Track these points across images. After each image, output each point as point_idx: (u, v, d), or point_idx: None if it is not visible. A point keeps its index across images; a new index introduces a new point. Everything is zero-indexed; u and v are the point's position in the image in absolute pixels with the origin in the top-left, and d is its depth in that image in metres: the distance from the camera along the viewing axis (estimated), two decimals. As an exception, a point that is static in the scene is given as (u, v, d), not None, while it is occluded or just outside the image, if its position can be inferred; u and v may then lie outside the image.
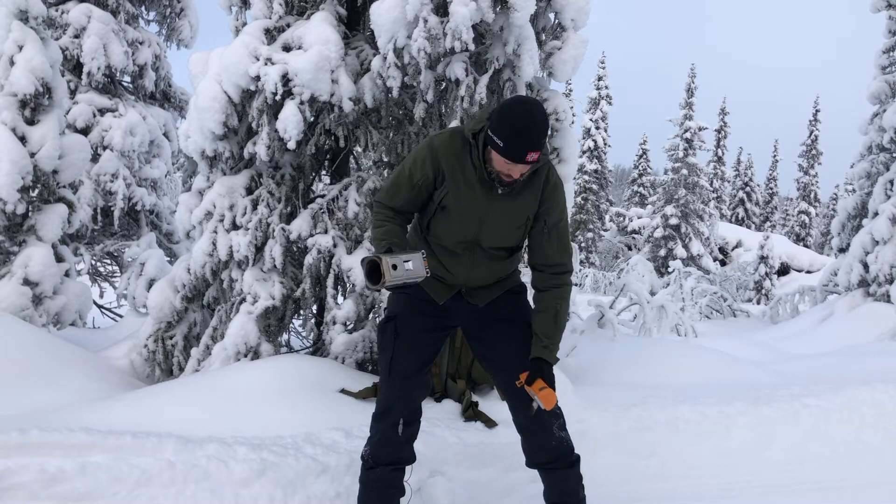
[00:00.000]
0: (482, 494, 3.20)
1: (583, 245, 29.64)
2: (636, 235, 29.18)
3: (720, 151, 37.83)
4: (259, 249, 4.64)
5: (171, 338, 5.15)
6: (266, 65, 4.27)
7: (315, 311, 5.05)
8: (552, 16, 4.57)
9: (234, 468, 2.97)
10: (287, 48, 4.39)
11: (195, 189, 5.03)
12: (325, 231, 4.57)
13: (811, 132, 37.87)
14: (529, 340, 2.64)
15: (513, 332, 2.68)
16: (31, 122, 5.77)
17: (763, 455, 3.77)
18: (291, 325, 5.23)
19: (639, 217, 30.03)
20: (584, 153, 30.82)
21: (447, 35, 3.96)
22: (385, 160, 4.99)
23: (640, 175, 36.22)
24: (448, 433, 3.51)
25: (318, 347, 4.78)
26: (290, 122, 4.26)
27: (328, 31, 4.30)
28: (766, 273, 20.53)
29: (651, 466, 3.61)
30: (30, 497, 2.70)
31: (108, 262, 9.59)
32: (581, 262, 27.89)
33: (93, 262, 9.21)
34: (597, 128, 31.12)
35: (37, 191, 5.86)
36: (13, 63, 5.65)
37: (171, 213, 9.51)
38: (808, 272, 25.69)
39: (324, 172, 5.33)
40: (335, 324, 4.51)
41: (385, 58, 4.20)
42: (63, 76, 7.08)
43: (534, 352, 2.57)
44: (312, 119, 4.53)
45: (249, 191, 4.76)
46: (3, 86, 5.65)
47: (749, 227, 36.26)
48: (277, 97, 4.29)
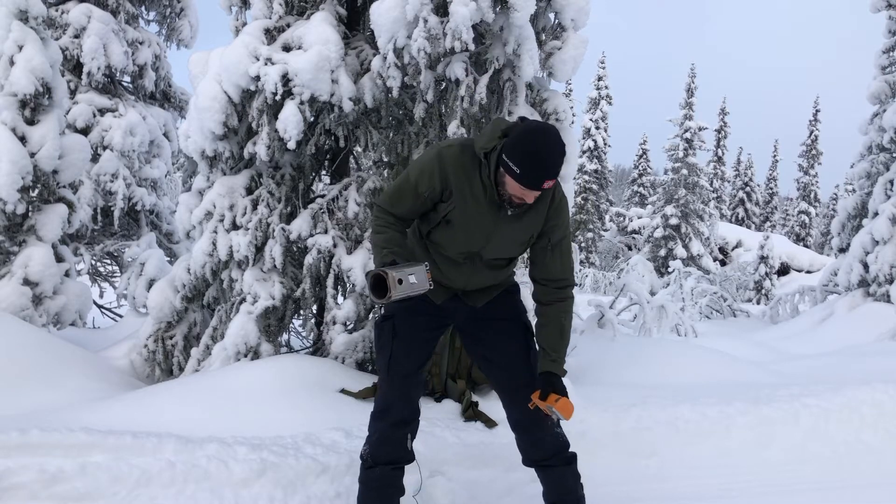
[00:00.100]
0: (482, 494, 3.21)
1: (583, 245, 29.64)
2: (636, 235, 29.18)
3: (720, 151, 37.83)
4: (259, 249, 4.64)
5: (171, 338, 5.15)
6: (266, 65, 4.27)
7: (315, 311, 5.05)
8: (552, 16, 4.57)
9: (234, 468, 2.97)
10: (287, 48, 4.39)
11: (195, 189, 5.03)
12: (325, 231, 4.57)
13: (811, 132, 37.87)
14: (526, 339, 2.69)
15: (511, 332, 2.71)
16: (31, 122, 5.77)
17: (763, 455, 3.77)
18: (291, 325, 5.23)
19: (639, 217, 30.03)
20: (584, 153, 30.82)
21: (447, 35, 3.95)
22: (385, 160, 4.99)
23: (640, 175, 36.22)
24: (448, 433, 3.51)
25: (318, 347, 4.79)
26: (290, 122, 4.26)
27: (328, 31, 4.30)
28: (766, 273, 20.53)
29: (651, 466, 3.61)
30: (30, 497, 2.70)
31: (108, 262, 9.60)
32: (581, 262, 27.91)
33: (93, 262, 9.21)
34: (597, 128, 31.12)
35: (37, 191, 5.86)
36: (13, 63, 5.66)
37: (171, 213, 9.51)
38: (808, 272, 25.69)
39: (324, 172, 5.33)
40: (335, 324, 4.51)
41: (385, 58, 4.20)
42: (63, 76, 7.08)
43: (542, 366, 2.60)
44: (312, 119, 4.53)
45: (249, 191, 4.76)
46: (3, 86, 5.66)
47: (749, 227, 36.26)
48: (277, 97, 4.29)
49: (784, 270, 25.95)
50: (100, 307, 8.71)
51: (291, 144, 4.29)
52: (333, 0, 4.58)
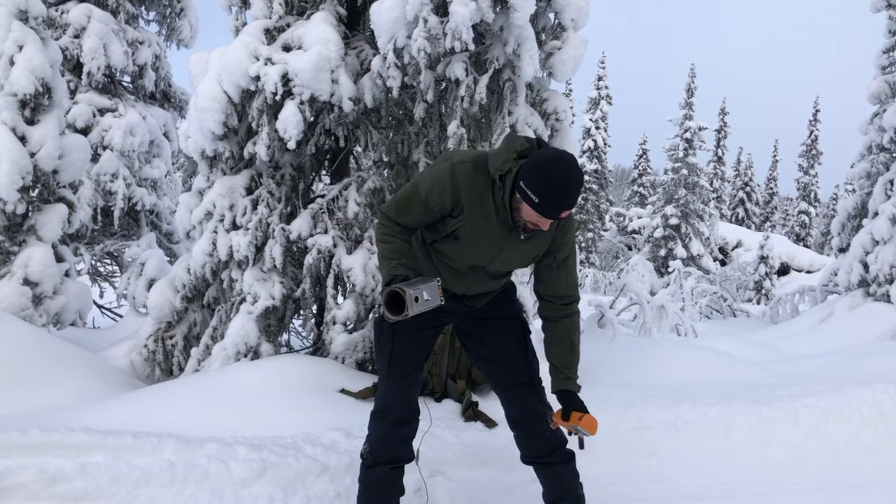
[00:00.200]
0: (482, 494, 3.20)
1: (583, 245, 29.63)
2: (636, 235, 29.18)
3: (720, 151, 37.83)
4: (259, 249, 4.64)
5: (171, 338, 5.15)
6: (266, 65, 4.28)
7: (315, 311, 5.05)
8: (552, 16, 4.57)
9: (234, 468, 2.97)
10: (287, 48, 4.39)
11: (195, 189, 5.03)
12: (325, 231, 4.57)
13: (811, 132, 37.87)
14: (524, 336, 2.73)
15: (509, 330, 2.73)
16: (31, 122, 5.77)
17: (763, 455, 3.76)
18: (291, 325, 5.23)
19: (639, 217, 30.02)
20: (584, 153, 30.82)
21: (447, 35, 3.96)
22: (385, 160, 4.99)
23: (640, 175, 36.22)
24: (448, 433, 3.51)
25: (318, 347, 4.79)
26: (290, 122, 4.26)
27: (328, 31, 4.30)
28: (766, 273, 20.52)
29: (651, 466, 3.61)
30: (30, 497, 2.70)
31: (108, 262, 9.60)
32: (581, 262, 27.90)
33: (93, 262, 9.21)
34: (597, 128, 31.12)
35: (37, 191, 5.87)
36: (13, 63, 5.66)
37: (171, 213, 9.51)
38: (808, 272, 25.69)
39: (324, 172, 5.33)
40: (335, 324, 4.51)
41: (385, 58, 4.20)
42: (63, 76, 7.08)
43: (557, 385, 2.62)
44: (312, 119, 4.53)
45: (249, 191, 4.76)
46: (3, 86, 5.66)
47: (749, 227, 36.25)
48: (277, 97, 4.29)
49: (784, 270, 25.96)
50: (100, 307, 8.71)
51: (291, 144, 4.30)
52: (333, 0, 4.59)
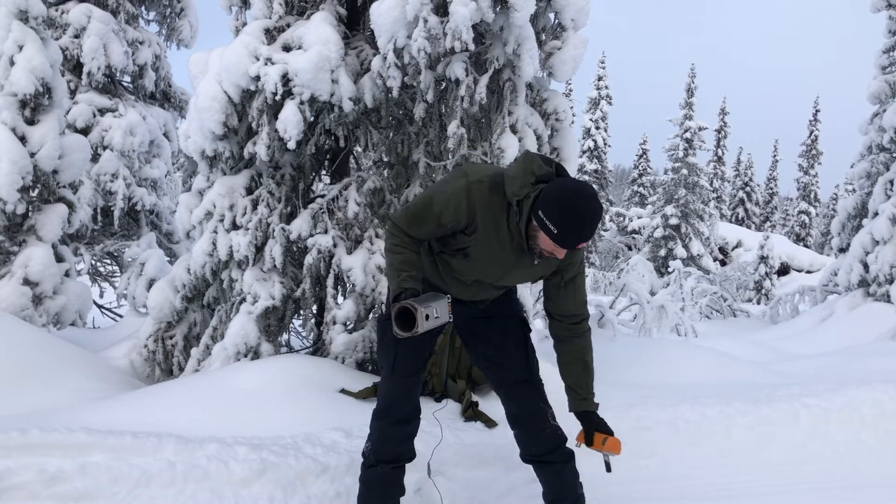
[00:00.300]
0: (482, 494, 3.20)
1: (583, 245, 29.53)
2: (636, 235, 29.17)
3: (720, 151, 37.81)
4: (259, 249, 4.64)
5: (171, 338, 5.15)
6: (266, 65, 4.27)
7: (315, 311, 5.05)
8: (552, 16, 4.57)
9: (234, 468, 2.97)
10: (287, 48, 4.39)
11: (195, 189, 5.03)
12: (325, 231, 4.57)
13: (811, 132, 37.86)
14: (524, 334, 2.76)
15: (509, 329, 2.75)
16: (31, 122, 5.77)
17: (763, 455, 3.76)
18: (291, 325, 5.23)
19: (639, 217, 30.01)
20: (584, 153, 30.81)
21: (447, 35, 3.95)
22: (385, 160, 4.99)
23: (640, 175, 36.21)
24: (448, 433, 3.51)
25: (318, 347, 4.79)
26: (290, 122, 4.26)
27: (328, 31, 4.30)
28: (766, 273, 20.52)
29: (651, 466, 3.61)
30: (30, 497, 2.70)
31: (108, 262, 9.60)
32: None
33: (93, 262, 9.22)
34: (597, 128, 31.12)
35: (37, 191, 5.87)
36: (13, 63, 5.66)
37: (171, 213, 9.52)
38: (808, 272, 25.68)
39: (324, 172, 5.33)
40: (335, 324, 4.51)
41: (385, 58, 4.20)
42: (63, 76, 7.08)
43: (575, 406, 2.62)
44: (312, 119, 4.53)
45: (249, 191, 4.76)
46: (3, 86, 5.66)
47: (749, 227, 36.25)
48: (277, 97, 4.29)
49: (784, 270, 25.95)
50: (100, 307, 8.71)
51: (291, 144, 4.29)
52: (333, 0, 4.58)
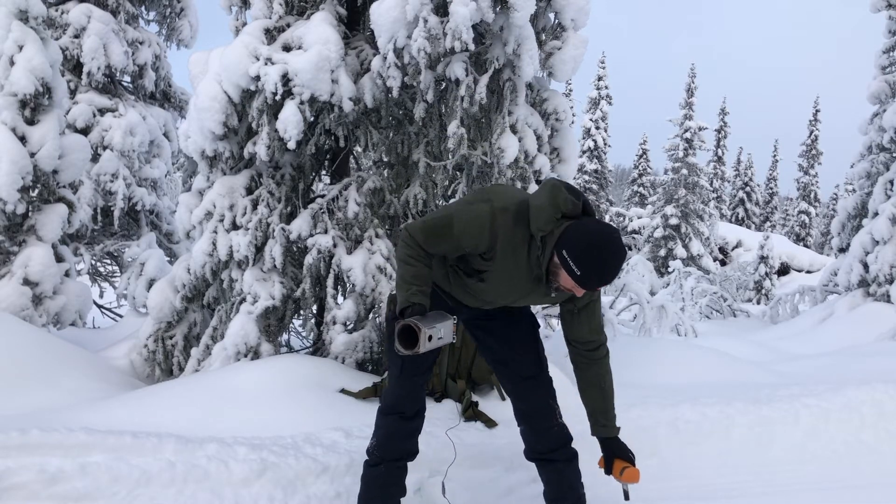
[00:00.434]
0: (482, 494, 3.20)
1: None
2: (636, 235, 29.16)
3: (720, 151, 37.80)
4: (259, 249, 4.64)
5: (171, 338, 5.15)
6: (266, 65, 4.27)
7: (315, 311, 5.05)
8: (552, 16, 4.57)
9: (234, 468, 2.97)
10: (287, 48, 4.39)
11: (195, 189, 5.03)
12: (325, 231, 4.57)
13: (811, 132, 37.86)
14: (533, 329, 2.78)
15: (518, 324, 2.76)
16: (31, 122, 5.77)
17: (763, 455, 3.76)
18: (291, 325, 5.23)
19: (639, 217, 30.00)
20: (584, 153, 30.80)
21: (447, 35, 3.95)
22: (385, 160, 4.99)
23: (640, 175, 36.20)
24: (448, 433, 3.50)
25: (318, 347, 4.79)
26: (290, 122, 4.26)
27: (328, 31, 4.30)
28: (766, 273, 20.51)
29: (651, 466, 3.60)
30: (30, 497, 2.70)
31: (108, 262, 9.60)
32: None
33: (93, 262, 9.21)
34: (597, 128, 31.11)
35: (37, 191, 5.86)
36: (13, 63, 5.66)
37: (171, 213, 9.51)
38: (808, 272, 25.68)
39: (324, 172, 5.33)
40: (335, 324, 4.51)
41: (385, 58, 4.20)
42: (63, 76, 7.08)
43: (595, 431, 2.65)
44: (312, 119, 4.53)
45: (249, 191, 4.76)
46: (3, 86, 5.66)
47: (749, 227, 36.24)
48: (277, 97, 4.28)
49: (784, 270, 25.95)
50: (100, 307, 8.71)
51: (291, 144, 4.29)
52: (333, 0, 4.58)
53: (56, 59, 5.95)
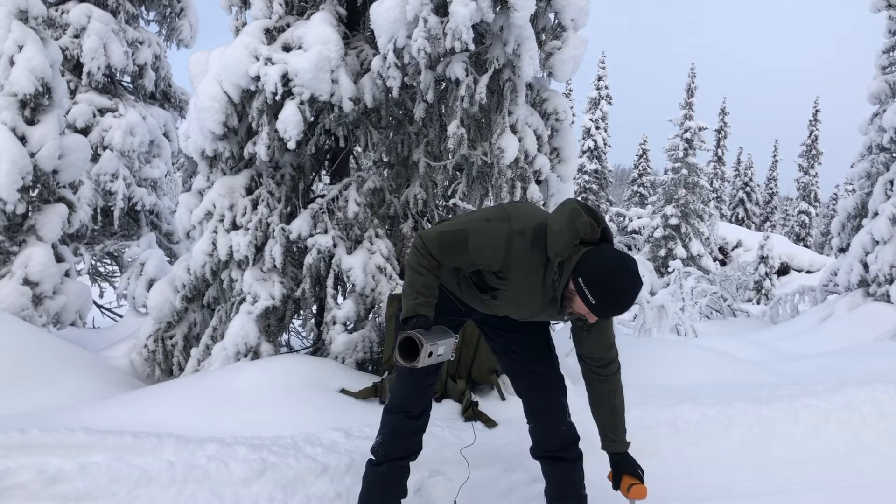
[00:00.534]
0: (482, 494, 3.20)
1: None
2: (636, 235, 29.14)
3: (720, 151, 37.80)
4: (259, 249, 4.64)
5: (171, 338, 5.15)
6: (266, 65, 4.27)
7: (315, 311, 5.05)
8: (552, 16, 4.57)
9: (234, 468, 2.97)
10: (287, 48, 4.39)
11: (195, 189, 5.03)
12: (325, 231, 4.57)
13: (811, 132, 37.85)
14: (545, 328, 2.77)
15: (527, 322, 2.73)
16: (31, 122, 5.77)
17: (763, 455, 3.76)
18: (291, 325, 5.23)
19: (639, 217, 29.97)
20: (584, 153, 30.80)
21: (447, 35, 3.95)
22: (385, 160, 4.99)
23: (640, 175, 36.17)
24: (448, 433, 3.51)
25: (318, 347, 4.79)
26: (290, 122, 4.26)
27: (328, 31, 4.30)
28: (766, 273, 20.51)
29: (651, 466, 3.58)
30: (30, 497, 2.70)
31: (108, 262, 9.60)
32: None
33: (93, 262, 9.22)
34: (597, 128, 31.10)
35: (37, 191, 5.87)
36: (13, 63, 5.66)
37: (171, 213, 9.51)
38: (808, 272, 25.68)
39: (324, 172, 5.33)
40: (335, 324, 4.51)
41: (385, 58, 4.20)
42: (63, 76, 7.08)
43: (606, 447, 2.65)
44: (312, 119, 4.53)
45: (249, 191, 4.76)
46: (3, 86, 5.66)
47: (749, 227, 36.23)
48: (277, 97, 4.29)
49: (784, 270, 25.94)
50: (100, 307, 8.71)
51: (291, 144, 4.29)
52: (333, 0, 4.58)
53: (56, 59, 5.95)
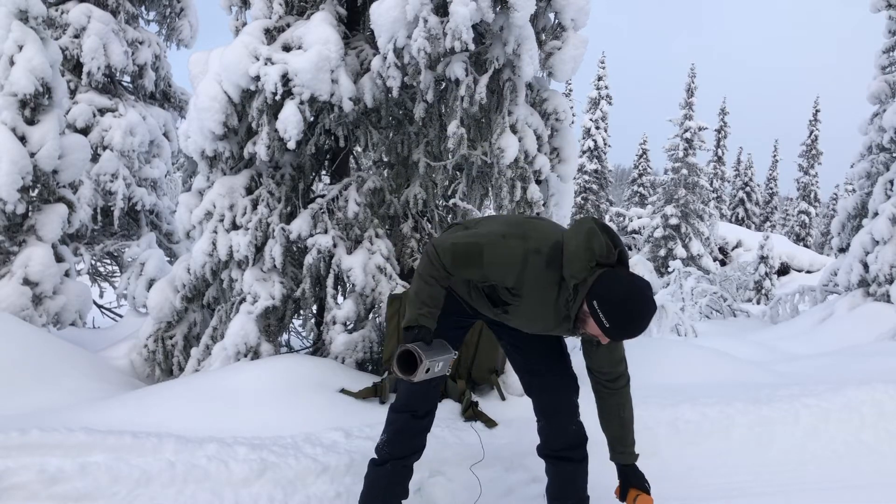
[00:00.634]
0: (482, 494, 3.20)
1: (583, 245, 29.47)
2: (636, 235, 29.14)
3: (720, 151, 37.79)
4: (259, 249, 4.64)
5: (171, 338, 5.15)
6: (266, 65, 4.27)
7: (315, 311, 5.05)
8: (552, 16, 4.57)
9: (234, 468, 2.97)
10: (287, 48, 4.39)
11: (195, 189, 5.03)
12: (325, 231, 4.57)
13: (811, 132, 37.85)
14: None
15: None
16: (31, 122, 5.77)
17: (763, 455, 3.76)
18: (291, 325, 5.23)
19: (639, 217, 29.97)
20: (584, 153, 30.79)
21: (447, 35, 3.95)
22: (385, 160, 4.99)
23: (640, 175, 36.16)
24: (448, 433, 3.51)
25: (318, 347, 4.79)
26: (290, 122, 4.26)
27: (328, 31, 4.30)
28: (766, 273, 20.51)
29: (651, 466, 3.58)
30: (30, 497, 2.70)
31: (108, 262, 9.60)
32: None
33: (93, 262, 9.22)
34: (597, 128, 31.10)
35: (37, 191, 5.87)
36: (13, 63, 5.66)
37: (171, 213, 9.51)
38: (808, 272, 25.68)
39: (324, 172, 5.33)
40: (335, 324, 4.51)
41: (385, 58, 4.20)
42: (63, 76, 7.08)
43: (614, 458, 2.65)
44: (312, 119, 4.53)
45: (249, 191, 4.76)
46: (3, 86, 5.66)
47: (749, 227, 36.23)
48: (277, 97, 4.29)
49: (784, 270, 25.95)
50: (100, 307, 8.71)
51: (291, 144, 4.29)
52: (333, 0, 4.58)
53: (56, 59, 5.95)
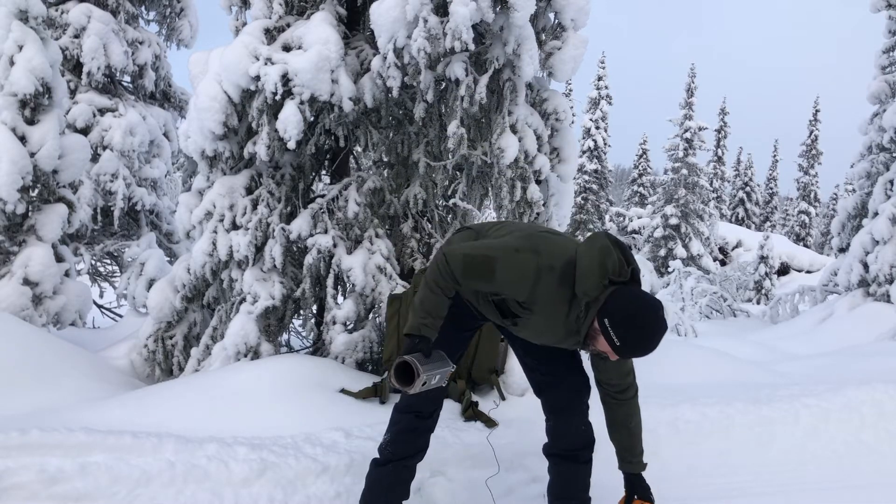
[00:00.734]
0: (482, 494, 3.20)
1: (583, 245, 29.46)
2: (636, 235, 29.13)
3: (720, 151, 37.79)
4: (259, 249, 4.64)
5: (171, 338, 5.15)
6: (266, 65, 4.27)
7: (315, 311, 5.05)
8: (552, 16, 4.57)
9: (234, 468, 2.97)
10: (287, 48, 4.39)
11: (195, 189, 5.03)
12: (325, 231, 4.57)
13: (811, 132, 37.85)
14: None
15: None
16: (31, 122, 5.77)
17: (763, 455, 3.76)
18: (291, 325, 5.23)
19: (639, 217, 29.96)
20: (584, 153, 30.78)
21: (447, 35, 3.95)
22: (385, 160, 4.99)
23: (640, 175, 36.16)
24: (448, 433, 3.51)
25: (318, 347, 4.79)
26: (290, 122, 4.26)
27: (328, 31, 4.30)
28: (766, 273, 20.50)
29: (651, 466, 3.59)
30: (30, 497, 2.70)
31: (108, 262, 9.60)
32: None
33: (93, 262, 9.22)
34: (597, 128, 31.08)
35: (37, 191, 5.87)
36: (13, 63, 5.66)
37: (171, 213, 9.51)
38: (808, 272, 25.68)
39: (324, 172, 5.33)
40: (335, 324, 4.51)
41: (385, 58, 4.20)
42: (63, 76, 7.08)
43: (622, 467, 2.66)
44: (312, 119, 4.53)
45: (249, 191, 4.76)
46: (3, 86, 5.66)
47: (749, 227, 36.23)
48: (277, 97, 4.29)
49: (784, 270, 25.95)
50: (100, 307, 8.71)
51: (291, 144, 4.29)
52: (333, 0, 4.59)
53: (56, 59, 5.95)
